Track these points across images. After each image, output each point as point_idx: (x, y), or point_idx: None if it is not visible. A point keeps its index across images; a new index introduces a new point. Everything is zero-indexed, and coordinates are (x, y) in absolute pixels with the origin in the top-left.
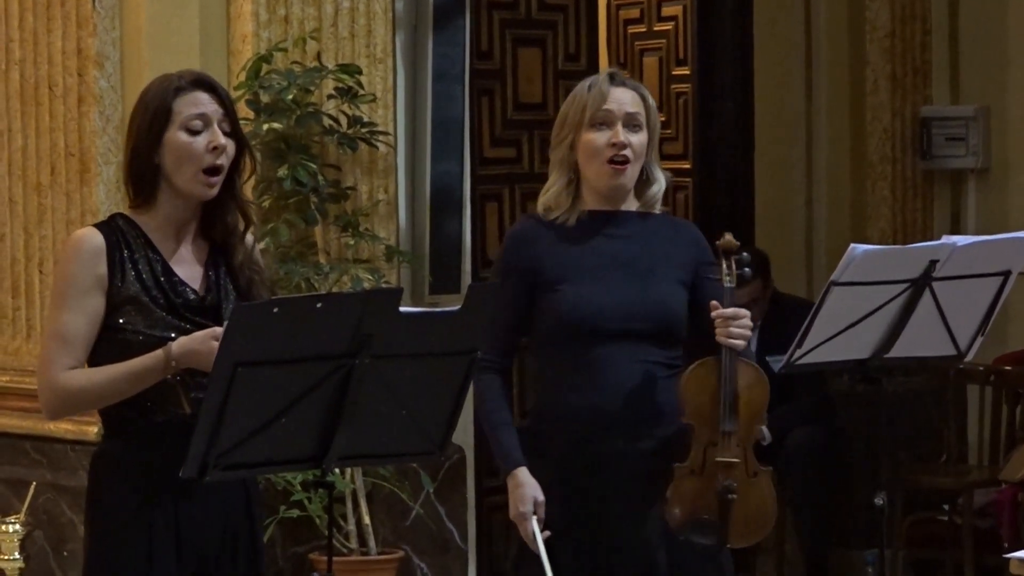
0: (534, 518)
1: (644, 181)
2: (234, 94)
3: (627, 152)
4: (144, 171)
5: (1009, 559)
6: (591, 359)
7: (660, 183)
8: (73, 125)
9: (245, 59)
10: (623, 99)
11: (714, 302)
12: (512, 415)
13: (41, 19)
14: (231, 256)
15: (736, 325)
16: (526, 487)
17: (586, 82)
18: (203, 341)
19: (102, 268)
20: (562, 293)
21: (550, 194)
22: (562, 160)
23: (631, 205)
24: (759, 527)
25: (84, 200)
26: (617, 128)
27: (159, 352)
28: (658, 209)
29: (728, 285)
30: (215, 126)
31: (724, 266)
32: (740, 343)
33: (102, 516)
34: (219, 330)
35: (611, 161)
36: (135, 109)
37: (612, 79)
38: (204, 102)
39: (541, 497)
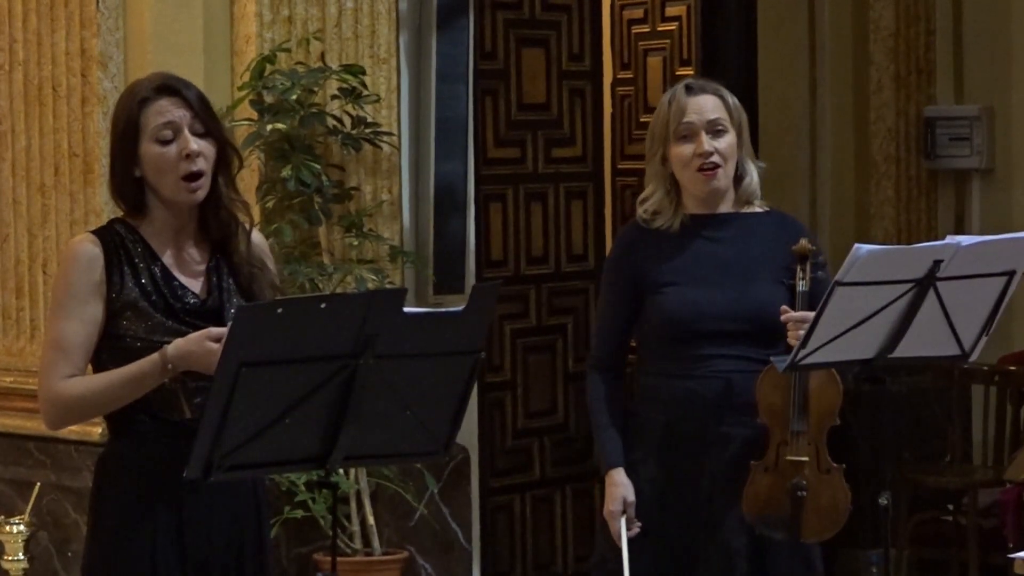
0: (623, 518)
1: (737, 176)
2: (238, 94)
3: (715, 158)
4: (127, 186)
5: (1014, 559)
6: (691, 355)
7: (751, 175)
8: (77, 126)
9: (249, 59)
10: (702, 107)
11: (784, 307)
12: (618, 412)
13: (45, 20)
14: (231, 254)
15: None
16: (619, 487)
17: (666, 96)
18: (198, 342)
19: (100, 275)
20: (665, 296)
21: (652, 202)
22: (657, 172)
23: (729, 203)
24: (832, 522)
25: (88, 201)
26: (700, 138)
27: (155, 356)
28: (757, 202)
29: (801, 289)
30: (185, 132)
31: (799, 270)
32: None
33: (104, 517)
34: (215, 330)
35: (700, 169)
36: (111, 125)
37: (688, 90)
38: (169, 109)
39: (631, 498)
